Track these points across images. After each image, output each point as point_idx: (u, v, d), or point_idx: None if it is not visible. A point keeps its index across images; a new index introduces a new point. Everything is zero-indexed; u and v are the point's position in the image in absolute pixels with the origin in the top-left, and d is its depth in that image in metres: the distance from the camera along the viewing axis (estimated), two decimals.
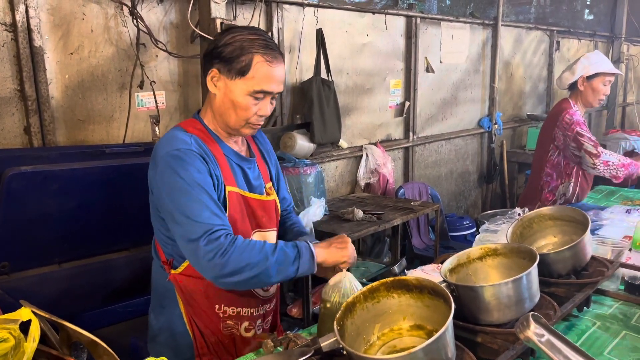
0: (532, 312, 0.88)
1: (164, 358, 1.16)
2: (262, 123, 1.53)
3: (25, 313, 1.25)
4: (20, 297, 1.50)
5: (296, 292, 3.51)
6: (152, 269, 1.64)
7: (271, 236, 1.61)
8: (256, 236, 1.55)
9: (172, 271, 1.51)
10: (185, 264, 1.48)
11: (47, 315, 1.49)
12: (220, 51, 1.43)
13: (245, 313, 1.57)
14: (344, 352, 1.06)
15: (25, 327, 1.25)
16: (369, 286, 1.18)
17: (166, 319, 1.56)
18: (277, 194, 1.70)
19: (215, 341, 1.54)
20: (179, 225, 1.36)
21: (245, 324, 1.58)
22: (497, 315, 1.26)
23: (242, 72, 1.41)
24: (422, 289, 1.16)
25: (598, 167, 2.74)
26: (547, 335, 0.84)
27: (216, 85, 1.46)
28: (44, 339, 1.46)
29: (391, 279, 1.18)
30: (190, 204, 1.34)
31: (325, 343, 1.06)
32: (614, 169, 2.74)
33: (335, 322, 1.09)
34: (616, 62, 7.33)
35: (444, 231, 4.34)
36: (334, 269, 1.47)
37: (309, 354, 1.03)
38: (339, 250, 1.47)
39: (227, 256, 1.30)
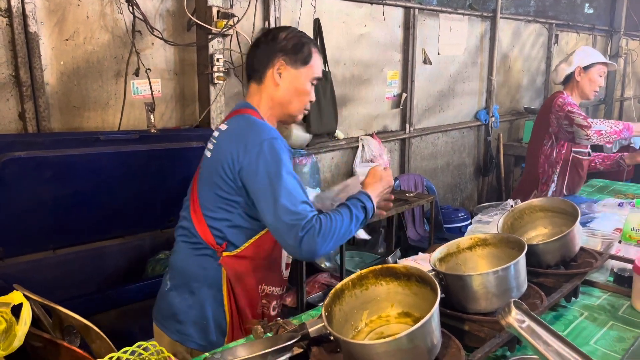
0: (514, 299, 0.89)
1: (154, 342, 1.18)
2: (309, 109, 1.71)
3: (17, 296, 1.26)
4: (14, 282, 1.51)
5: (290, 282, 3.53)
6: (175, 253, 1.70)
7: None
8: None
9: (225, 254, 1.57)
10: (244, 246, 1.57)
11: (39, 299, 1.50)
12: (285, 45, 1.60)
13: (276, 292, 1.69)
14: (332, 338, 1.07)
15: (17, 310, 1.26)
16: (357, 273, 1.19)
17: (197, 300, 1.60)
18: None
19: (249, 320, 1.62)
20: (277, 207, 1.43)
21: (274, 303, 1.70)
22: (484, 304, 1.28)
23: (306, 61, 1.61)
24: (409, 276, 1.17)
25: (591, 137, 2.76)
26: (528, 322, 0.85)
27: (281, 75, 1.60)
28: (37, 322, 1.47)
29: (379, 266, 1.19)
30: (286, 193, 1.43)
31: (313, 328, 1.07)
32: (607, 136, 2.77)
33: (323, 309, 1.10)
34: (614, 56, 7.34)
35: (438, 223, 4.36)
36: None
37: (296, 339, 1.04)
38: (386, 180, 1.66)
39: (320, 237, 1.42)
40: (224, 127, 1.60)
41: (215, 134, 1.62)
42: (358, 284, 1.19)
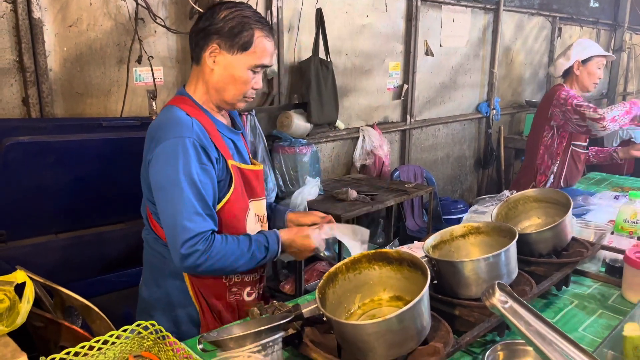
0: (497, 281, 0.92)
1: (153, 321, 1.21)
2: (254, 97, 1.59)
3: (20, 275, 1.29)
4: (16, 265, 1.54)
5: (289, 269, 3.57)
6: (144, 246, 1.69)
7: (263, 204, 1.69)
8: (252, 205, 1.61)
9: None
10: None
11: (41, 280, 1.54)
12: (221, 27, 1.45)
13: (248, 279, 1.65)
14: (325, 319, 1.10)
15: (20, 290, 1.29)
16: (351, 257, 1.23)
17: (163, 292, 1.59)
18: None
19: (221, 309, 1.60)
20: (163, 215, 1.43)
21: (248, 288, 1.66)
22: (475, 289, 1.31)
23: (245, 47, 1.47)
24: (401, 261, 1.20)
25: (607, 127, 2.77)
26: (511, 302, 0.88)
27: (215, 60, 1.49)
28: (38, 303, 1.51)
29: (373, 251, 1.23)
30: (176, 201, 1.39)
31: (306, 309, 1.11)
32: (621, 119, 2.79)
33: (317, 290, 1.13)
34: (618, 50, 7.32)
35: (437, 214, 4.39)
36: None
37: (289, 318, 1.08)
38: (298, 244, 1.59)
39: (203, 259, 1.40)
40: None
41: None
42: (351, 268, 1.23)
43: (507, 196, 1.87)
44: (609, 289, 1.69)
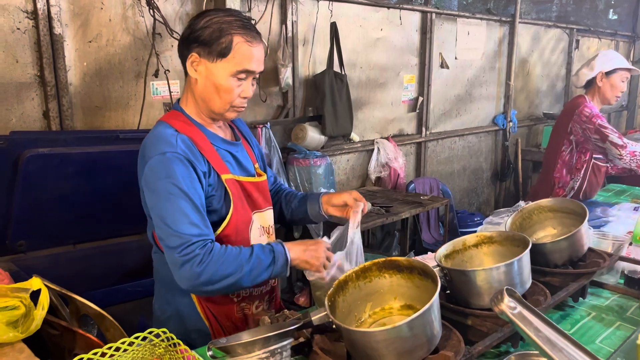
0: (506, 287, 0.91)
1: (164, 329, 1.22)
2: (245, 105, 1.52)
3: (35, 282, 1.31)
4: (34, 274, 1.57)
5: (304, 282, 3.56)
6: (153, 262, 1.67)
7: (269, 215, 1.65)
8: (255, 217, 1.58)
9: None
10: None
11: (57, 288, 1.56)
12: (198, 35, 1.41)
13: (256, 292, 1.61)
14: (334, 327, 1.10)
15: (35, 297, 1.31)
16: (361, 265, 1.22)
17: (174, 309, 1.59)
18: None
19: (229, 324, 1.58)
20: (159, 230, 1.39)
21: (256, 302, 1.62)
22: (487, 299, 1.28)
23: (223, 53, 1.40)
24: (412, 269, 1.19)
25: (624, 157, 2.74)
26: (520, 308, 0.87)
27: (196, 70, 1.44)
28: (54, 311, 1.53)
29: (383, 259, 1.22)
30: (170, 213, 1.36)
31: (316, 317, 1.11)
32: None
33: (326, 298, 1.13)
34: (638, 62, 7.22)
35: (454, 226, 4.36)
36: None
37: (298, 325, 1.08)
38: (312, 253, 1.48)
39: (202, 267, 1.33)
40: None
41: None
42: (362, 276, 1.22)
43: (522, 206, 1.85)
44: (627, 300, 1.66)
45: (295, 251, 1.46)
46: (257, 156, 1.73)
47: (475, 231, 4.51)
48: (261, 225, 1.60)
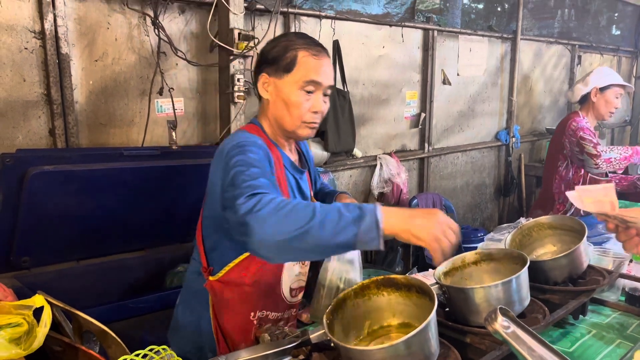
0: (500, 306, 0.92)
1: (165, 346, 1.23)
2: (318, 122, 1.51)
3: (38, 300, 1.33)
4: (38, 291, 1.59)
5: (307, 298, 3.56)
6: (188, 269, 1.67)
7: None
8: None
9: (210, 278, 1.51)
10: (224, 270, 1.49)
11: (60, 304, 1.57)
12: (266, 55, 1.48)
13: (272, 317, 1.59)
14: (332, 345, 1.11)
15: (39, 314, 1.33)
16: (359, 283, 1.23)
17: (195, 318, 1.59)
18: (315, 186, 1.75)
19: (240, 344, 1.56)
20: (227, 193, 1.26)
21: (267, 325, 1.58)
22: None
23: (289, 68, 1.43)
24: (410, 287, 1.20)
25: (600, 166, 2.79)
26: (513, 327, 0.88)
27: (267, 90, 1.49)
28: (57, 327, 1.54)
29: (381, 277, 1.23)
30: (243, 174, 1.26)
31: (314, 335, 1.12)
32: (617, 163, 2.80)
33: (324, 316, 1.14)
34: None
35: (457, 242, 4.34)
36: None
37: (296, 343, 1.09)
38: (422, 220, 1.13)
39: (266, 210, 1.13)
40: None
41: None
42: (360, 294, 1.23)
43: (522, 223, 1.86)
44: (628, 318, 1.66)
45: (397, 216, 1.13)
46: (312, 180, 1.74)
47: (478, 247, 4.51)
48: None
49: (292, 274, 1.59)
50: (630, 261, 1.91)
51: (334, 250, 1.20)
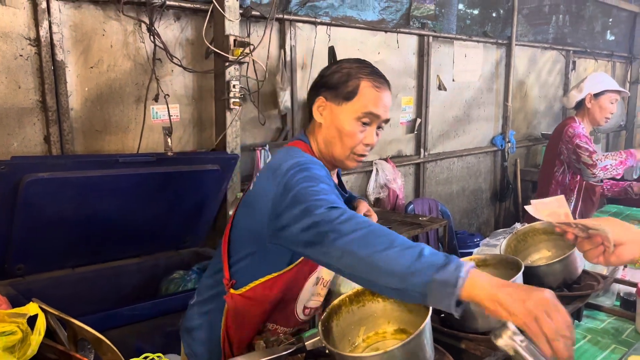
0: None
1: (159, 354, 1.23)
2: (367, 154, 1.49)
3: (32, 308, 1.33)
4: (33, 298, 1.58)
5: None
6: (207, 271, 1.65)
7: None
8: (321, 268, 1.51)
9: (232, 291, 1.47)
10: (249, 286, 1.44)
11: (55, 312, 1.57)
12: (327, 80, 1.44)
13: (280, 330, 1.57)
14: (327, 352, 1.11)
15: (33, 322, 1.33)
16: (354, 290, 1.23)
17: (209, 322, 1.56)
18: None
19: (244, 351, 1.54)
20: (299, 206, 1.21)
21: (272, 338, 1.58)
22: (481, 323, 1.30)
23: (349, 97, 1.41)
24: None
25: (597, 174, 2.80)
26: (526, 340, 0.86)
27: (322, 114, 1.46)
28: (52, 335, 1.54)
29: None
30: (312, 189, 1.24)
31: (309, 342, 1.12)
32: (613, 169, 2.81)
33: (320, 323, 1.14)
34: (635, 82, 7.30)
35: (453, 247, 4.35)
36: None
37: (291, 350, 1.09)
38: (518, 291, 0.98)
39: (349, 225, 1.11)
40: (268, 160, 1.48)
41: (262, 166, 1.51)
42: (355, 300, 1.23)
43: (517, 229, 1.86)
44: (623, 323, 1.66)
45: (487, 279, 1.00)
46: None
47: (472, 252, 4.51)
48: (322, 277, 1.55)
49: (310, 293, 1.55)
50: (625, 266, 1.92)
51: (400, 291, 1.03)
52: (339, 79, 1.42)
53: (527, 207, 1.47)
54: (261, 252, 1.41)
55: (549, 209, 1.44)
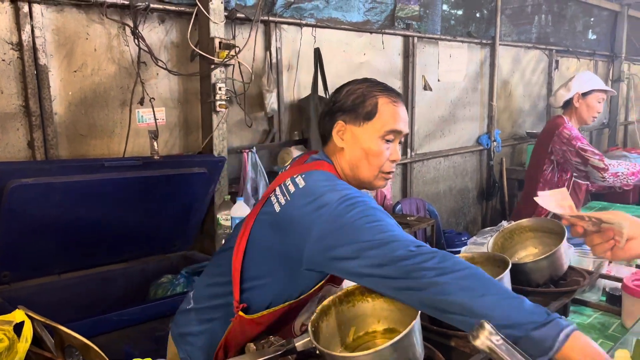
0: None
1: (149, 358, 1.22)
2: (394, 171, 1.48)
3: (19, 315, 1.31)
4: (19, 305, 1.56)
5: None
6: (207, 279, 1.60)
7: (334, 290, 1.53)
8: (327, 288, 1.47)
9: (241, 314, 1.39)
10: (263, 313, 1.38)
11: (41, 319, 1.55)
12: (342, 103, 1.43)
13: (276, 341, 1.45)
14: (318, 352, 1.11)
15: (19, 329, 1.31)
16: (344, 290, 1.24)
17: (210, 331, 1.52)
18: None
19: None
20: (374, 250, 1.18)
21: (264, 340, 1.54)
22: None
23: (369, 116, 1.40)
24: None
25: (607, 179, 2.78)
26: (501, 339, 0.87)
27: (343, 138, 1.43)
28: (39, 342, 1.52)
29: None
30: (387, 228, 1.22)
31: (299, 343, 1.12)
32: (624, 178, 2.79)
33: (310, 324, 1.14)
34: (617, 81, 7.41)
35: (441, 246, 4.38)
36: None
37: (281, 351, 1.09)
38: None
39: (438, 256, 1.13)
40: (300, 182, 1.33)
41: (290, 186, 1.34)
42: (345, 300, 1.24)
43: (504, 227, 1.88)
44: (609, 318, 1.69)
45: (588, 344, 1.01)
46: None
47: (459, 251, 4.54)
48: (324, 296, 1.48)
49: (308, 311, 1.51)
50: (610, 262, 1.95)
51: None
52: (354, 100, 1.41)
53: (536, 199, 1.51)
54: (288, 273, 1.35)
55: (555, 201, 1.46)
